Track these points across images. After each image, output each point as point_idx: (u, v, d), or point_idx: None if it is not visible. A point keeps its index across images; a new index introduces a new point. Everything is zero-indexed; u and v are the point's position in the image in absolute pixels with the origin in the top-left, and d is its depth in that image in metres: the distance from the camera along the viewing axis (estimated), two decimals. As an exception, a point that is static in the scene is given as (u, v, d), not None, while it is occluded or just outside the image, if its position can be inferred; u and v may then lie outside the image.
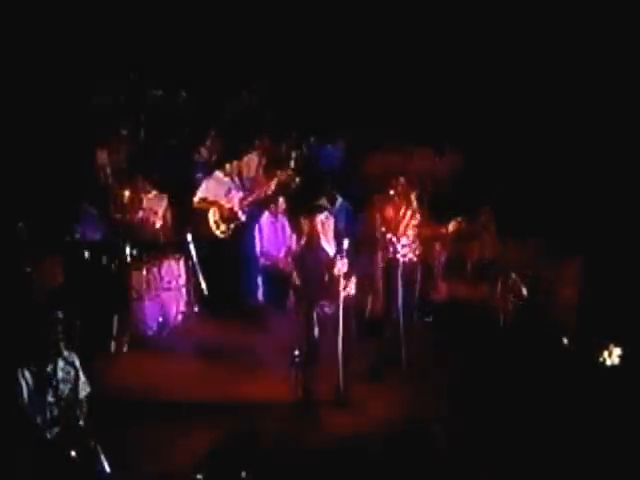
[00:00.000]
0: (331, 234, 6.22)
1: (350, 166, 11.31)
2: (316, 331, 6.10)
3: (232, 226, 8.44)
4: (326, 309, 6.10)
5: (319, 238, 6.12)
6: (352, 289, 6.13)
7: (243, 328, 7.88)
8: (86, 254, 7.32)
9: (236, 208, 8.45)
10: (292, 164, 9.29)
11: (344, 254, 6.00)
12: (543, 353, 6.66)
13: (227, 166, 8.53)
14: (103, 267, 7.49)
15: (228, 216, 8.44)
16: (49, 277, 6.45)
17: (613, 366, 6.68)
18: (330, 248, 6.12)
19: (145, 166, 9.12)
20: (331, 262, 6.01)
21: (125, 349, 7.31)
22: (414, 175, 11.14)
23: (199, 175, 9.56)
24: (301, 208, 8.89)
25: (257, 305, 8.55)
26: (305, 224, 8.24)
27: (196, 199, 8.44)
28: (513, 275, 7.76)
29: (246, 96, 12.66)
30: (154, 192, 8.38)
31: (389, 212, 6.94)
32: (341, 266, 5.95)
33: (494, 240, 8.18)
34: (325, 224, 6.12)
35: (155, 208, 8.30)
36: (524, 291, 7.66)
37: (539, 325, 7.19)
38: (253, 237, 8.72)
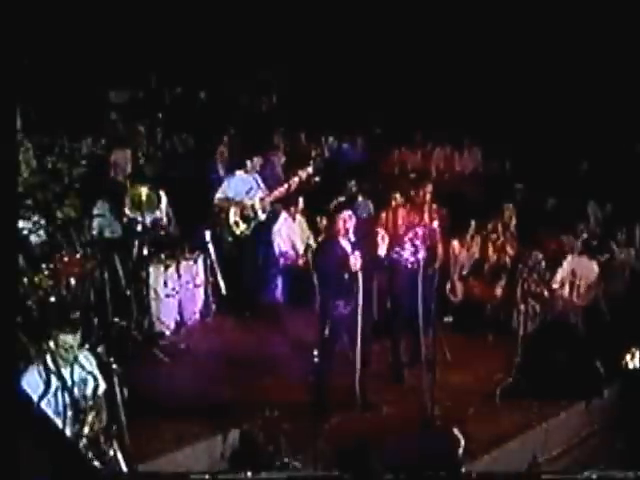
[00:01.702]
0: (351, 232, 6.15)
1: (370, 164, 11.27)
2: (332, 330, 6.02)
3: (252, 225, 8.38)
4: (342, 309, 6.01)
5: (338, 236, 6.05)
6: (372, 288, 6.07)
7: (261, 328, 7.85)
8: (104, 252, 7.30)
9: (256, 207, 8.38)
10: (312, 163, 9.20)
11: (359, 250, 5.92)
12: (566, 357, 6.54)
13: (248, 164, 8.44)
14: (120, 265, 7.47)
15: (248, 215, 8.38)
16: (65, 276, 6.43)
17: (635, 369, 6.60)
18: (349, 247, 6.05)
19: (163, 164, 9.13)
20: (346, 258, 5.94)
21: (142, 348, 7.23)
22: (431, 173, 11.18)
23: (219, 174, 9.54)
24: (321, 207, 8.92)
25: (276, 305, 8.53)
26: (324, 222, 8.27)
27: (216, 198, 8.39)
28: (534, 275, 7.65)
29: (265, 94, 12.63)
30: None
31: (397, 212, 6.86)
32: (354, 261, 5.88)
33: (515, 239, 8.07)
34: (347, 222, 6.05)
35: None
36: (545, 293, 7.56)
37: (562, 328, 7.09)
38: (272, 236, 8.70)
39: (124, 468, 4.82)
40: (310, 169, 8.54)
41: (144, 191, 7.58)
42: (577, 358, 6.55)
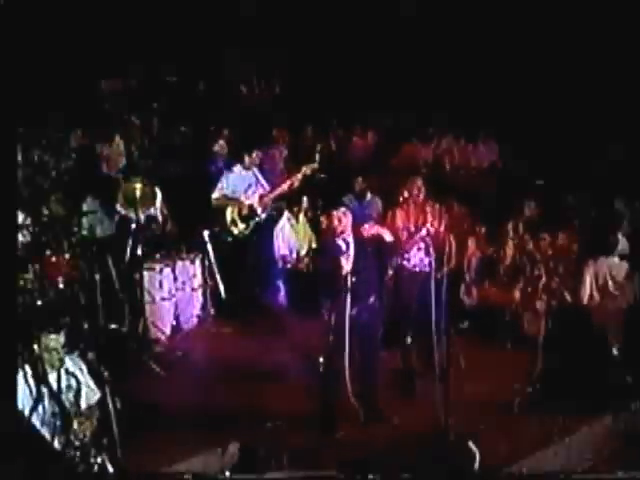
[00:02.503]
0: (349, 231, 6.13)
1: (380, 158, 11.24)
2: (337, 336, 6.02)
3: (251, 225, 8.39)
4: (346, 313, 6.01)
5: (334, 236, 6.05)
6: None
7: (263, 333, 7.85)
8: (94, 252, 7.32)
9: (256, 205, 8.39)
10: (317, 157, 9.20)
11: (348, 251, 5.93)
12: (590, 364, 6.53)
13: (246, 159, 8.44)
14: (113, 266, 7.53)
15: (247, 214, 8.39)
16: (54, 277, 6.45)
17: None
18: (345, 246, 6.04)
19: (159, 158, 9.13)
20: (339, 260, 5.94)
21: (136, 354, 7.27)
22: (444, 168, 11.16)
23: (217, 169, 9.55)
24: (325, 205, 8.92)
25: (278, 309, 8.55)
26: (324, 221, 8.27)
27: (214, 195, 8.41)
28: (557, 278, 7.63)
29: (265, 82, 12.63)
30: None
31: (405, 212, 6.84)
32: (344, 263, 5.89)
33: (536, 238, 8.04)
34: (342, 220, 6.04)
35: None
36: (567, 296, 7.54)
37: (584, 334, 7.06)
38: (274, 237, 8.73)
39: (115, 480, 4.84)
40: (315, 165, 8.52)
41: (138, 187, 7.58)
42: (603, 367, 6.52)
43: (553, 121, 11.17)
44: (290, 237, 8.77)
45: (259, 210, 8.41)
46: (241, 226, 8.38)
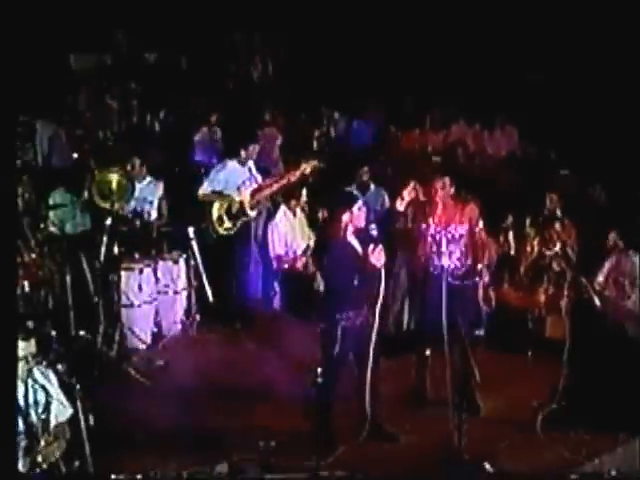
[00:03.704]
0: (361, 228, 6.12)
1: (384, 146, 11.24)
2: (342, 346, 5.99)
3: (238, 224, 8.37)
4: (352, 320, 5.99)
5: (345, 233, 6.02)
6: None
7: (255, 342, 7.88)
8: (65, 251, 7.31)
9: (246, 203, 8.37)
10: (315, 144, 9.15)
11: (378, 244, 5.89)
12: (624, 378, 6.50)
13: (242, 153, 8.41)
14: (86, 266, 7.50)
15: (236, 212, 8.37)
16: (18, 279, 6.42)
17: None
18: (358, 245, 6.02)
19: (138, 145, 9.11)
20: (361, 259, 5.90)
21: (112, 365, 7.26)
22: (457, 157, 11.14)
23: (206, 159, 9.54)
24: (325, 198, 8.89)
25: (272, 314, 8.57)
26: (328, 216, 8.23)
27: (202, 189, 8.41)
28: (582, 279, 7.62)
29: (258, 61, 12.60)
30: (149, 178, 8.39)
31: (435, 204, 6.80)
32: (376, 260, 5.85)
33: (561, 235, 8.02)
34: (356, 217, 6.01)
35: (150, 197, 8.32)
36: (596, 300, 7.52)
37: (616, 342, 7.04)
38: (267, 235, 8.74)
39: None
40: (316, 162, 8.47)
41: (114, 178, 7.60)
42: (637, 380, 6.49)
43: (579, 104, 11.14)
44: (286, 234, 8.75)
45: (248, 208, 8.38)
46: (228, 224, 8.37)
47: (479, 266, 6.76)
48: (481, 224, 6.81)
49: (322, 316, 6.13)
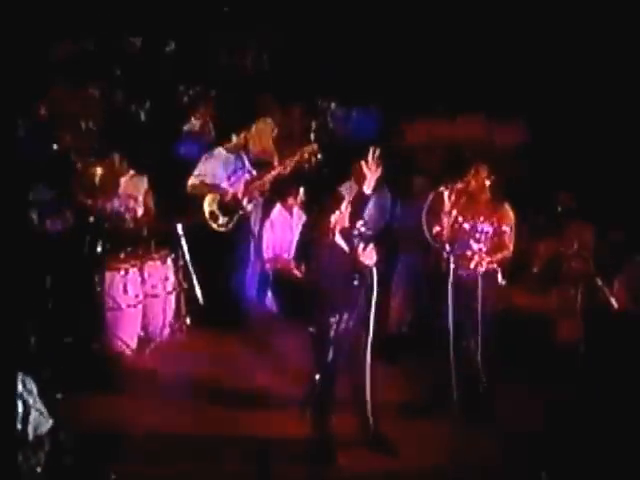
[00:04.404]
0: (354, 231, 6.11)
1: (387, 139, 11.21)
2: (337, 350, 6.01)
3: (235, 219, 8.37)
4: (344, 323, 6.00)
5: (334, 234, 6.03)
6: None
7: (247, 347, 7.91)
8: (45, 249, 7.29)
9: (240, 195, 8.36)
10: (313, 137, 9.14)
11: (369, 242, 5.92)
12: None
13: (234, 139, 8.43)
14: (67, 266, 7.49)
15: (230, 205, 8.36)
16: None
17: None
18: (345, 244, 6.03)
19: (122, 137, 9.08)
20: (352, 258, 5.92)
21: (97, 372, 7.22)
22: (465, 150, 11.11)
23: (195, 149, 9.52)
24: (320, 196, 8.86)
25: (265, 318, 8.59)
26: (316, 217, 8.20)
27: (190, 181, 8.39)
28: (598, 280, 7.61)
29: (251, 47, 12.57)
30: (132, 172, 8.39)
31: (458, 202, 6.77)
32: (367, 259, 5.85)
33: (575, 232, 8.01)
34: (343, 216, 6.03)
35: (134, 193, 8.34)
36: (613, 302, 7.51)
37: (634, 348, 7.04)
38: (262, 233, 8.74)
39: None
40: (315, 146, 8.50)
41: (98, 171, 7.57)
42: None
43: (594, 94, 11.11)
44: (282, 234, 8.76)
45: (244, 201, 8.37)
46: (222, 220, 8.37)
47: (495, 266, 6.75)
48: (510, 227, 6.80)
49: (313, 319, 6.15)
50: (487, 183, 6.78)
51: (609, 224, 8.44)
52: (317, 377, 6.04)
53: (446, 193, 6.65)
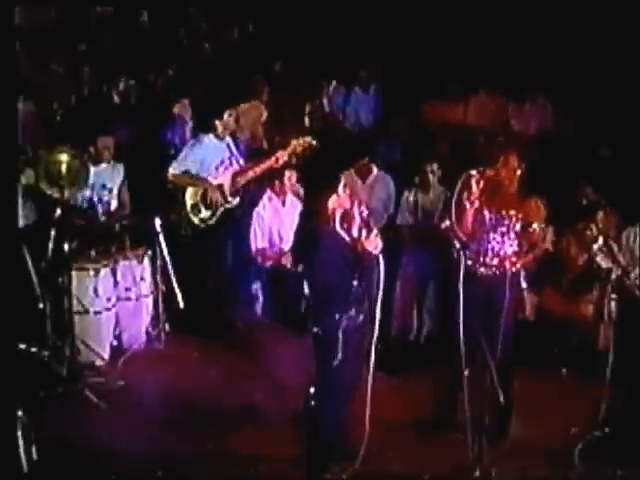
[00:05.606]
0: (355, 217, 6.09)
1: (389, 121, 11.23)
2: (342, 353, 5.97)
3: (218, 213, 8.40)
4: (352, 320, 5.99)
5: (334, 221, 6.02)
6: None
7: (233, 355, 7.92)
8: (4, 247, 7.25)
9: (226, 187, 8.37)
10: (308, 120, 9.08)
11: (372, 228, 5.93)
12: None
13: (218, 126, 8.41)
14: (30, 266, 7.46)
15: (214, 198, 8.37)
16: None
17: None
18: (347, 236, 6.03)
19: (93, 121, 9.06)
20: (355, 247, 5.91)
21: (63, 386, 7.22)
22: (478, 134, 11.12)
23: (175, 136, 9.50)
24: (317, 183, 8.84)
25: (254, 322, 8.59)
26: (312, 204, 8.19)
27: (172, 171, 8.40)
28: (628, 281, 7.58)
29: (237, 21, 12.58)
30: (106, 160, 8.35)
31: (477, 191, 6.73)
32: (372, 246, 5.84)
33: (608, 230, 7.98)
34: (342, 199, 6.02)
35: (108, 183, 8.33)
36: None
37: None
38: (249, 227, 8.75)
39: None
40: (309, 138, 8.45)
41: (64, 159, 7.55)
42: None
43: (623, 72, 11.11)
44: (272, 224, 8.76)
45: (229, 194, 8.39)
46: (205, 214, 8.42)
47: (519, 267, 6.72)
48: (540, 224, 6.79)
49: (317, 318, 6.07)
50: (517, 173, 6.73)
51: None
52: (311, 390, 6.01)
53: (475, 178, 6.57)
